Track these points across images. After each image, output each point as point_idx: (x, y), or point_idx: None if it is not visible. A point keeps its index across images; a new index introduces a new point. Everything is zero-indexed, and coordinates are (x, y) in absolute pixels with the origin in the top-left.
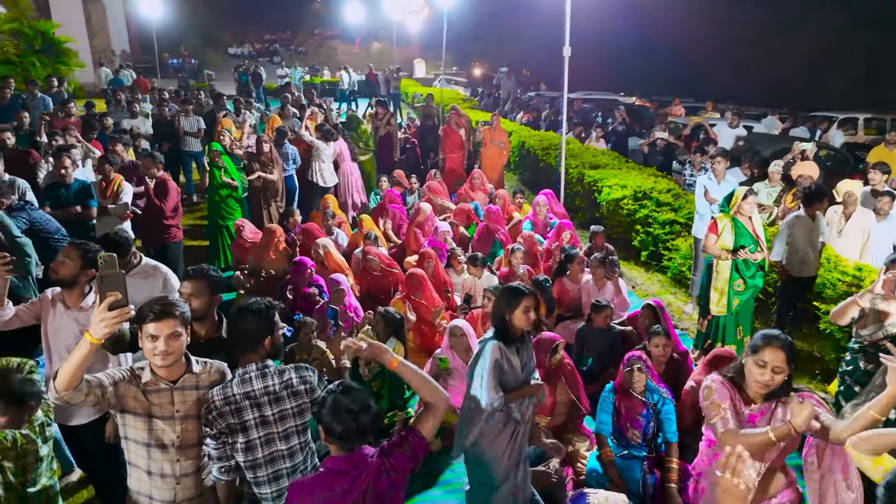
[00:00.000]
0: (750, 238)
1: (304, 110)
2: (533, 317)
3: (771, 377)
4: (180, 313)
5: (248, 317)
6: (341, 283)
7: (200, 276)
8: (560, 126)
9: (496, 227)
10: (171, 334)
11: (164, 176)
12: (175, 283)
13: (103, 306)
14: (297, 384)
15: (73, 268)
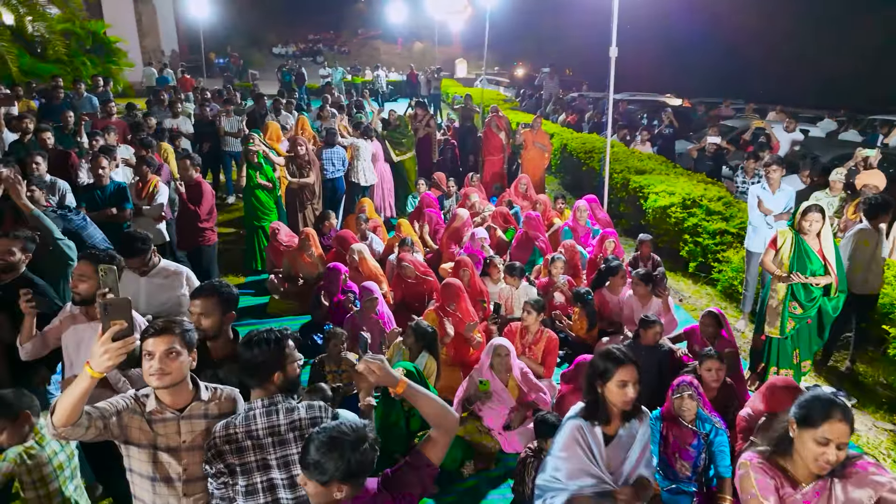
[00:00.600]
0: (815, 259)
1: (342, 111)
2: (632, 394)
3: (835, 455)
4: (181, 331)
5: (256, 347)
6: (374, 292)
7: (211, 292)
8: (604, 128)
9: (536, 234)
10: (167, 351)
11: (199, 178)
12: (196, 283)
13: (107, 336)
14: (305, 425)
15: (92, 284)
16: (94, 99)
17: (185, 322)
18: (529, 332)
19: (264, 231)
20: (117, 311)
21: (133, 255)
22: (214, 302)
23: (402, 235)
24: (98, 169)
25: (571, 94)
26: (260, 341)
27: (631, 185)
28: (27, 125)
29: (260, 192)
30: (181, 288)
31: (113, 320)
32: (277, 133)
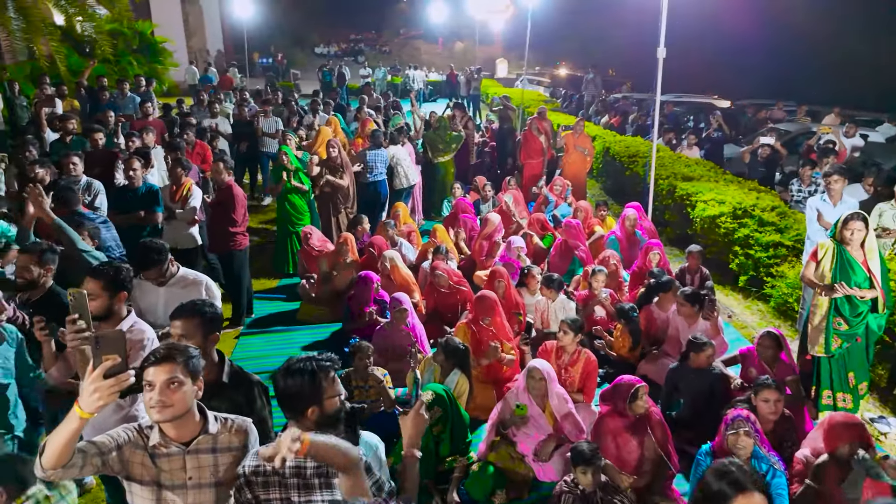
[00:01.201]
0: (860, 271)
1: (379, 112)
2: None
3: None
4: (184, 359)
5: (290, 377)
6: (403, 303)
7: (192, 312)
8: (649, 131)
9: (576, 243)
10: (168, 381)
11: (231, 182)
12: (217, 292)
13: (97, 373)
14: (332, 472)
15: (101, 302)
16: (136, 99)
17: (189, 348)
18: (566, 353)
19: (297, 235)
20: (109, 345)
21: (149, 266)
22: (196, 323)
23: (438, 242)
24: (129, 171)
25: (615, 94)
26: (295, 371)
27: (677, 193)
28: (68, 125)
29: (293, 196)
30: (201, 296)
31: (105, 355)
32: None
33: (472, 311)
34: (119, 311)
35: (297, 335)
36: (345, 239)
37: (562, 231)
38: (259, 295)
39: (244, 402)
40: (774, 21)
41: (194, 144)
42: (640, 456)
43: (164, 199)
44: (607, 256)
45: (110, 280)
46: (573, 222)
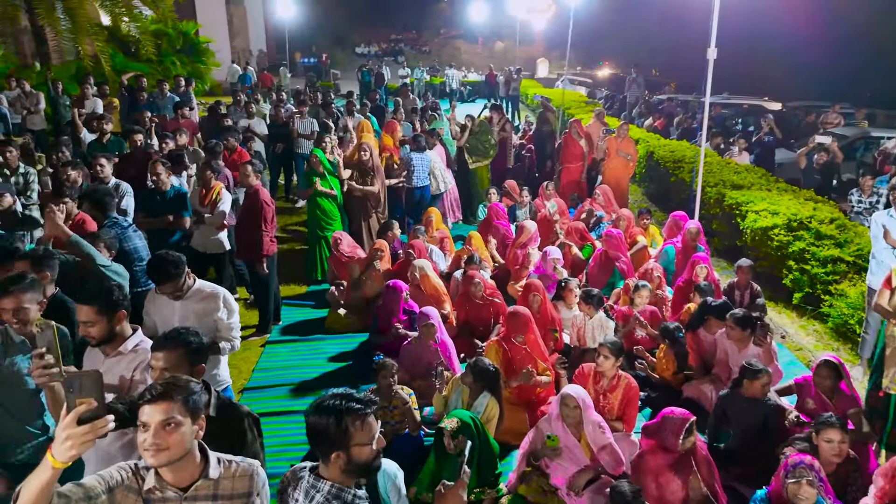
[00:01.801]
0: None
1: (416, 114)
2: None
3: None
4: (184, 397)
5: (317, 415)
6: (431, 318)
7: (175, 343)
8: (695, 135)
9: (617, 254)
10: (164, 422)
11: (258, 186)
12: (234, 305)
13: (70, 419)
14: None
15: (101, 327)
16: (175, 99)
17: (190, 384)
18: (605, 378)
19: (326, 241)
20: (84, 387)
21: (165, 280)
22: (180, 354)
23: (472, 250)
24: (154, 174)
25: (659, 96)
26: (323, 409)
27: (726, 202)
28: (104, 125)
29: (323, 201)
30: (218, 311)
31: (79, 398)
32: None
33: (505, 327)
34: (122, 331)
35: (324, 345)
36: (379, 246)
37: (602, 241)
38: (288, 301)
39: (234, 435)
40: (832, 17)
41: (234, 149)
42: (684, 497)
43: (193, 203)
44: (650, 269)
45: (105, 303)
46: (614, 232)
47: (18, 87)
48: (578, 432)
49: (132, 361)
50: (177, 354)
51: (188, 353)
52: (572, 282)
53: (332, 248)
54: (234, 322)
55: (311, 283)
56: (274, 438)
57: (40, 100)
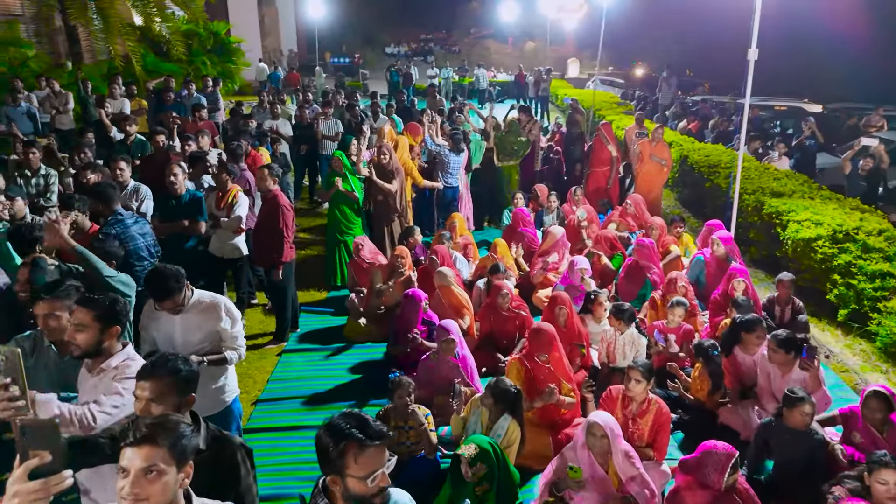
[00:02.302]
0: None
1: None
2: None
3: None
4: (171, 442)
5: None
6: (451, 332)
7: (162, 371)
8: (731, 138)
9: (648, 264)
10: (146, 470)
11: (276, 191)
12: (237, 314)
13: (21, 473)
14: None
15: (90, 334)
16: (202, 99)
17: (180, 426)
18: (634, 402)
19: (346, 246)
20: (38, 437)
21: (165, 296)
22: (168, 383)
23: (498, 258)
24: (170, 177)
25: (693, 97)
26: (330, 428)
27: (766, 210)
28: (127, 126)
29: (344, 205)
30: (220, 321)
31: (33, 449)
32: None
33: (527, 344)
34: (110, 347)
35: (341, 355)
36: (400, 252)
37: (633, 251)
38: (307, 308)
39: (226, 469)
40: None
41: (247, 153)
42: None
43: (209, 207)
44: (674, 278)
45: (104, 311)
46: (646, 241)
47: (48, 87)
48: (606, 462)
49: (113, 380)
50: (164, 384)
51: (177, 381)
52: (602, 294)
53: (353, 253)
54: (237, 330)
55: (331, 288)
56: (284, 456)
57: (69, 100)
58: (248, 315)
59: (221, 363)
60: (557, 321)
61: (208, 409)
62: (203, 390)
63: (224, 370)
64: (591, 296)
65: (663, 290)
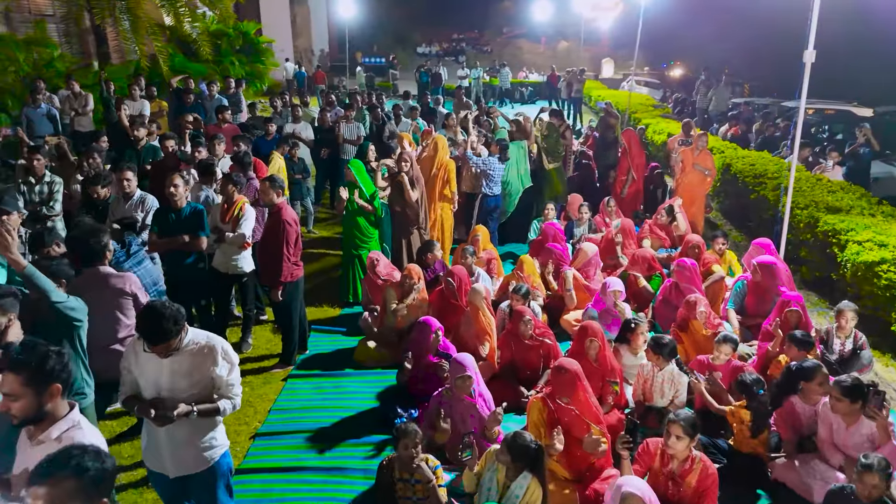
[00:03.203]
0: None
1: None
2: None
3: None
4: None
5: None
6: (467, 368)
7: (64, 472)
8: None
9: (690, 287)
10: None
11: (281, 205)
12: (234, 357)
13: None
14: None
15: (26, 403)
16: (223, 101)
17: None
18: (675, 460)
19: (361, 261)
20: None
21: (160, 340)
22: (71, 488)
23: (523, 277)
24: (170, 188)
25: (734, 99)
26: None
27: (820, 228)
28: (136, 131)
29: (359, 217)
30: (215, 366)
31: None
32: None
33: (550, 383)
34: (54, 410)
35: (350, 381)
36: (409, 271)
37: (673, 272)
38: (318, 327)
39: None
40: None
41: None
42: None
43: (214, 219)
44: (693, 301)
45: (33, 373)
46: (687, 263)
47: (68, 88)
48: None
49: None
50: (65, 488)
51: (82, 485)
52: (643, 324)
53: (368, 269)
54: (234, 377)
55: (346, 305)
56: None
57: (89, 101)
58: (256, 333)
59: (213, 414)
60: (588, 354)
61: (189, 468)
62: (186, 446)
63: (213, 423)
64: (630, 324)
65: (680, 314)
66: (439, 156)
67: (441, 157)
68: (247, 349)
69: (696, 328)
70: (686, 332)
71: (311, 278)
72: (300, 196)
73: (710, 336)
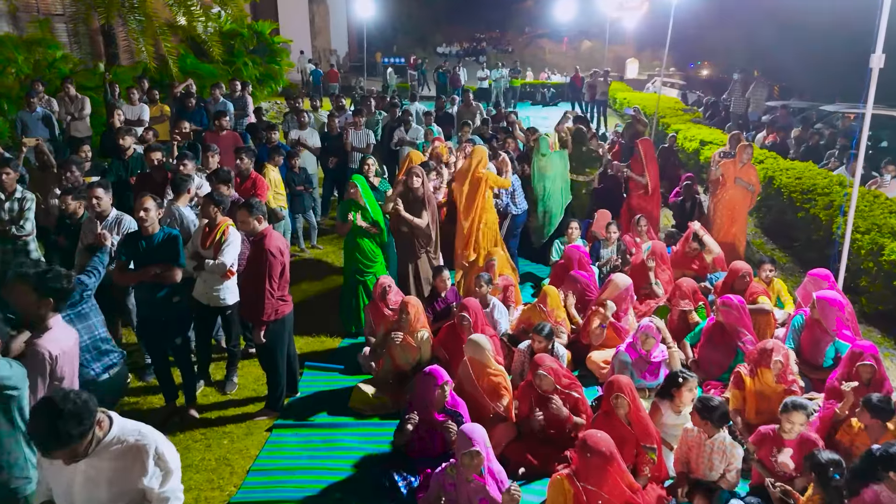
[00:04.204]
0: None
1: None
2: None
3: None
4: None
5: None
6: (476, 443)
7: None
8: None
9: (738, 329)
10: None
11: (266, 231)
12: (172, 463)
13: None
14: None
15: None
16: (229, 105)
17: None
18: None
19: (366, 287)
20: None
21: (56, 446)
22: None
23: (547, 311)
24: (139, 211)
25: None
26: None
27: (886, 257)
28: (122, 141)
29: (363, 239)
30: (144, 475)
31: None
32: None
33: (575, 460)
34: None
35: (342, 435)
36: (405, 305)
37: (717, 310)
38: (311, 363)
39: None
40: None
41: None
42: None
43: (194, 245)
44: (768, 349)
45: None
46: (733, 300)
47: (63, 91)
48: None
49: None
50: None
51: None
52: (692, 380)
53: (376, 296)
54: (171, 488)
55: (347, 334)
56: None
57: (85, 104)
58: (244, 369)
59: None
60: (617, 411)
61: None
62: None
63: None
64: (678, 378)
65: (749, 357)
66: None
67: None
68: (231, 389)
69: (765, 379)
70: (753, 378)
71: (310, 303)
72: (302, 209)
73: (781, 393)
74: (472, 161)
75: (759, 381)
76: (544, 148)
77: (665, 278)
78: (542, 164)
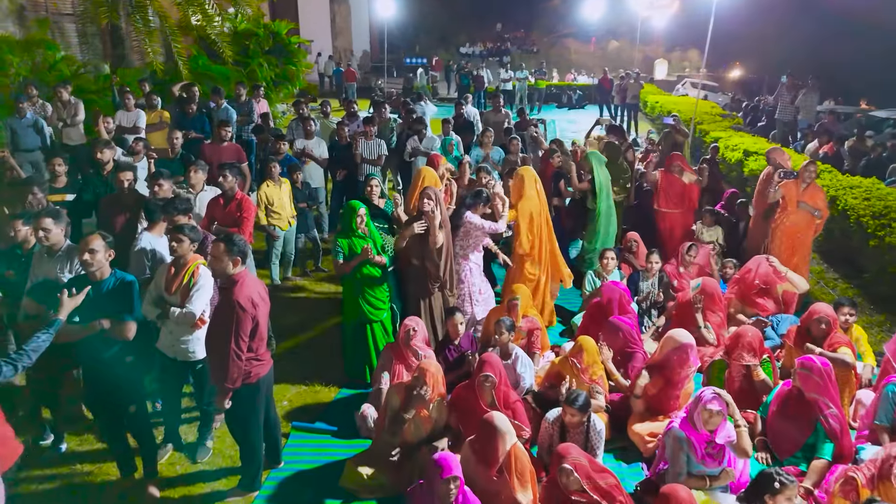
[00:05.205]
0: None
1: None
2: None
3: None
4: None
5: None
6: None
7: None
8: (885, 168)
9: (819, 399)
10: None
11: (239, 276)
12: None
13: None
14: None
15: None
16: (231, 111)
17: None
18: None
19: (373, 331)
20: None
21: None
22: None
23: (581, 368)
24: (84, 253)
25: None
26: None
27: None
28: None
29: (373, 273)
30: None
31: None
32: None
33: None
34: None
35: None
36: (422, 373)
37: (795, 375)
38: (299, 423)
39: None
40: None
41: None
42: None
43: (159, 288)
44: (892, 458)
45: None
46: (816, 363)
47: (56, 95)
48: None
49: None
50: None
51: None
52: (790, 486)
53: (401, 340)
54: None
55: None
56: None
57: (79, 110)
58: (220, 430)
59: None
60: None
61: None
62: None
63: None
64: (774, 482)
65: (871, 470)
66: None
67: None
68: (204, 456)
69: (891, 495)
70: (873, 493)
71: (304, 343)
72: (305, 229)
73: None
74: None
75: (882, 493)
76: (601, 157)
77: (716, 321)
78: (604, 175)
